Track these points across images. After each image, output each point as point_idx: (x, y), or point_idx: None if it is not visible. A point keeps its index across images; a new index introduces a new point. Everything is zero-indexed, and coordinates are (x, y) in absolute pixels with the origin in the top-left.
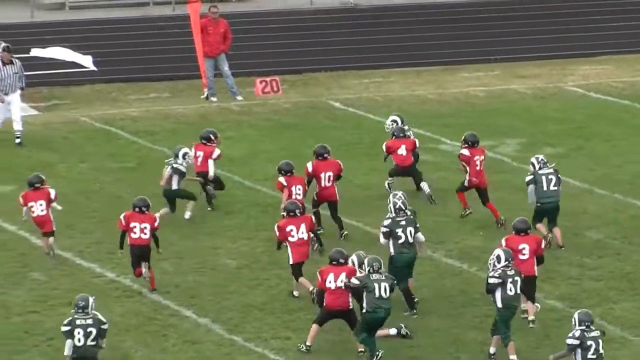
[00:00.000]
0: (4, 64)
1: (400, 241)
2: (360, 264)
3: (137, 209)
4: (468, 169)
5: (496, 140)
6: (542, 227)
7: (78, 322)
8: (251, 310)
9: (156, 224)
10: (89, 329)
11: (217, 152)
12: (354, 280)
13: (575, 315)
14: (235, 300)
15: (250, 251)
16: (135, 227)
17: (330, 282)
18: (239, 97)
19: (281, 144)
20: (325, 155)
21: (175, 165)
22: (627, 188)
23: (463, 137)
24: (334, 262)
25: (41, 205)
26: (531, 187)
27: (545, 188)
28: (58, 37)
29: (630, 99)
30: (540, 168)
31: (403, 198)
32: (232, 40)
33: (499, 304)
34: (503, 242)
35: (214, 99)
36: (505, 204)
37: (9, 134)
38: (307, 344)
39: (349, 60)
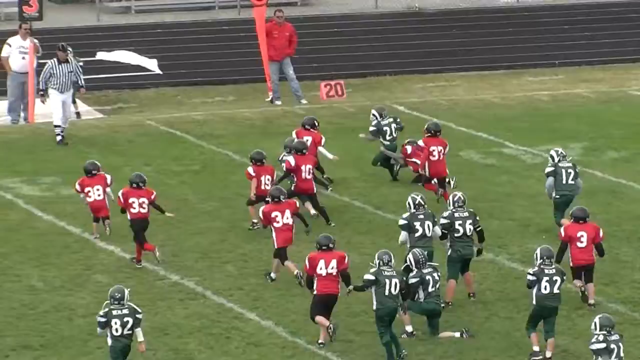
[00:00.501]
0: (60, 62)
1: (417, 234)
2: (417, 262)
3: (134, 185)
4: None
5: (560, 143)
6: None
7: (115, 312)
8: None
9: (153, 197)
10: (125, 319)
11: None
12: (367, 276)
13: (597, 320)
14: (298, 303)
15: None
16: (134, 202)
17: (321, 269)
18: (304, 101)
19: (345, 148)
20: (304, 150)
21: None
22: None
23: (425, 126)
24: (323, 248)
25: (98, 190)
26: (550, 179)
27: (564, 181)
28: (124, 40)
29: None
30: (559, 161)
31: (422, 195)
32: (297, 44)
33: (533, 301)
34: (562, 231)
35: (278, 102)
36: (571, 207)
37: (75, 136)
38: (320, 341)
39: (413, 64)
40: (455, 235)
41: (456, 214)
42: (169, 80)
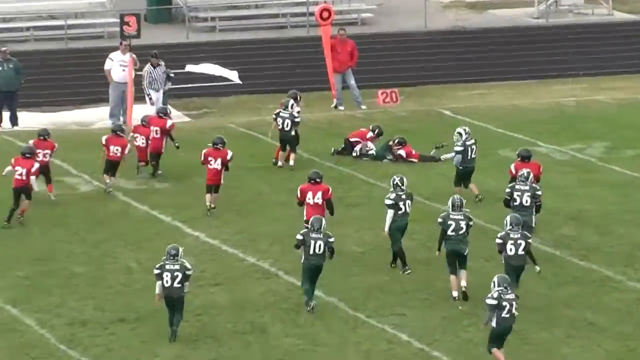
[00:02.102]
0: (154, 67)
1: (400, 211)
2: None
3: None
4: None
5: (584, 143)
6: (474, 187)
7: (167, 266)
8: (373, 291)
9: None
10: (175, 273)
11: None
12: (298, 236)
13: (495, 278)
14: (359, 281)
15: (372, 239)
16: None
17: (309, 199)
18: (363, 107)
19: None
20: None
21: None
22: None
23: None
24: (311, 181)
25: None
26: (459, 156)
27: (469, 156)
28: (209, 55)
29: None
30: (466, 139)
31: (402, 177)
32: (358, 57)
33: (502, 261)
34: (512, 169)
35: (341, 108)
36: (595, 197)
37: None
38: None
39: (457, 74)
40: (514, 204)
41: (517, 186)
42: (247, 89)
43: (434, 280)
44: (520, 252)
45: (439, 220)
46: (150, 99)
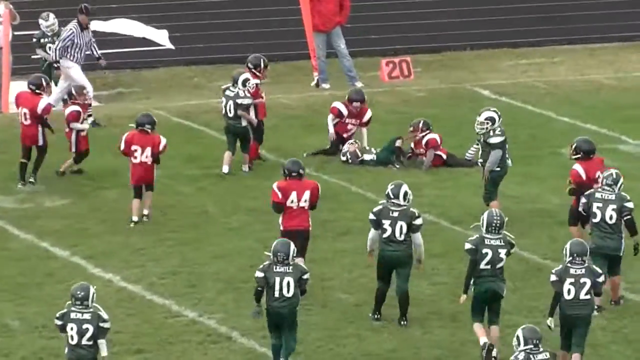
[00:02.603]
0: (82, 28)
1: (385, 235)
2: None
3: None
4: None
5: None
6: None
7: (73, 315)
8: None
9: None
10: (84, 326)
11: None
12: (257, 273)
13: (519, 332)
14: (352, 348)
15: (371, 283)
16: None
17: (292, 202)
18: (359, 84)
19: None
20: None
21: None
22: None
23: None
24: (293, 175)
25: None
26: (498, 152)
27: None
28: (124, 5)
29: None
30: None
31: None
32: (351, 9)
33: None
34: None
35: (326, 85)
36: None
37: (59, 131)
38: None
39: (501, 34)
40: (593, 220)
41: (597, 194)
42: (183, 57)
43: (465, 344)
44: (584, 296)
45: (468, 246)
46: (57, 68)
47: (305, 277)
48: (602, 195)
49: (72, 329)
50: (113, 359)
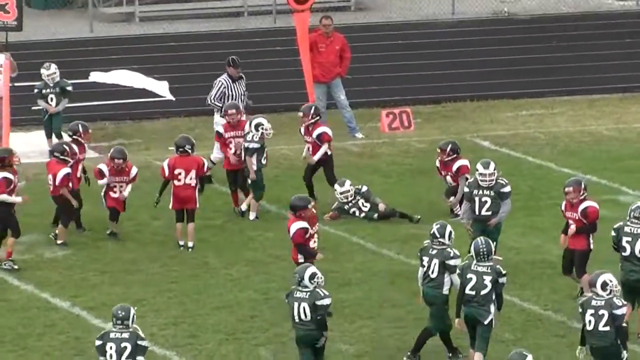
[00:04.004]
0: (233, 80)
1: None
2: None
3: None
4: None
5: None
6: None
7: (112, 335)
8: None
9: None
10: (123, 344)
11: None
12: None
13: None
14: None
15: (373, 334)
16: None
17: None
18: (359, 134)
19: (414, 195)
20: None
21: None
22: None
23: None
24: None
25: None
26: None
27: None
28: (125, 56)
29: None
30: None
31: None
32: (351, 60)
33: None
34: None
35: None
36: None
37: None
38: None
39: (501, 86)
40: (623, 254)
41: (626, 228)
42: (183, 108)
43: None
44: (602, 327)
45: (457, 270)
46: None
47: (319, 303)
48: (631, 230)
49: (111, 347)
50: None
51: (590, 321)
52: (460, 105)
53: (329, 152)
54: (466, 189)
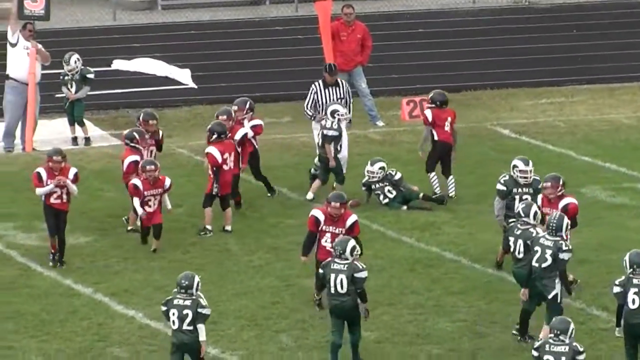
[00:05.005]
0: (327, 85)
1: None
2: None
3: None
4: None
5: None
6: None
7: (175, 301)
8: None
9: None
10: (184, 311)
11: None
12: (319, 271)
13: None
14: None
15: (393, 321)
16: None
17: (326, 242)
18: (380, 123)
19: None
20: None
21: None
22: None
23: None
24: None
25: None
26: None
27: None
28: (147, 45)
29: None
30: None
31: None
32: (372, 49)
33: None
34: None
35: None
36: None
37: (85, 169)
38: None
39: (521, 74)
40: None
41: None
42: (206, 96)
43: None
44: None
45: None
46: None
47: (357, 275)
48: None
49: (173, 314)
50: None
51: (634, 300)
52: (480, 94)
53: (256, 146)
54: (503, 187)
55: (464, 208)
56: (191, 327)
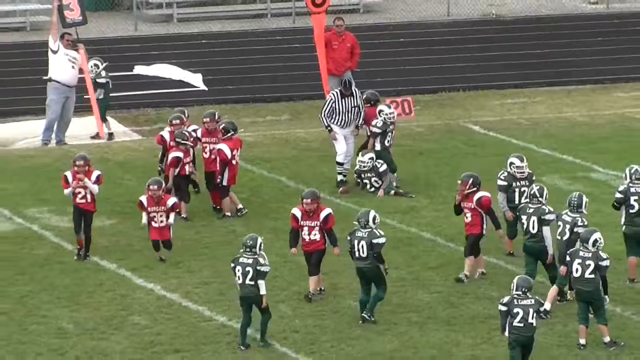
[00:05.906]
0: (343, 96)
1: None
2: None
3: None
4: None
5: None
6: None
7: (240, 259)
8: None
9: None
10: (247, 268)
11: None
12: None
13: (515, 280)
14: (360, 347)
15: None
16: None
17: (305, 234)
18: None
19: (414, 173)
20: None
21: None
22: None
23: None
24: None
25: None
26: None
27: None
28: (164, 52)
29: None
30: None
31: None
32: (360, 56)
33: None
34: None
35: None
36: None
37: (110, 161)
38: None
39: (489, 78)
40: (631, 211)
41: (632, 189)
42: (215, 97)
43: (459, 344)
44: (588, 275)
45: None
46: (330, 131)
47: (375, 241)
48: (636, 190)
49: (238, 270)
50: (154, 357)
51: (577, 269)
52: (454, 95)
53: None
54: (504, 182)
55: (440, 194)
56: (253, 282)
